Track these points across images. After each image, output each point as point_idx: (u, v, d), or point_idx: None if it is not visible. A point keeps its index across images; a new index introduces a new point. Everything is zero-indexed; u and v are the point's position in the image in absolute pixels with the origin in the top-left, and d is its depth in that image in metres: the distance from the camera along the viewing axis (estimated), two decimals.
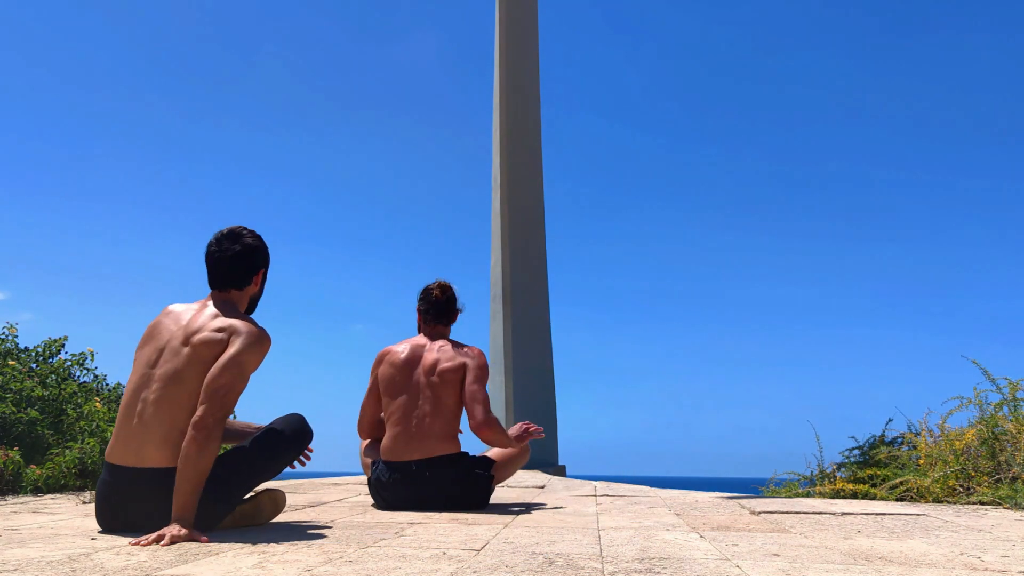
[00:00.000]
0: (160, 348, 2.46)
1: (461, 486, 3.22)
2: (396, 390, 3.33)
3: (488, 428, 3.23)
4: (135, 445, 2.36)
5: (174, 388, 2.38)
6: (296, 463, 2.74)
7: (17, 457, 4.20)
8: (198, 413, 2.29)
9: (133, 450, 2.36)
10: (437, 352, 3.39)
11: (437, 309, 3.51)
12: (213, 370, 2.36)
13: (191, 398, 2.37)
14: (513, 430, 3.45)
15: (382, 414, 3.45)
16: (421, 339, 3.49)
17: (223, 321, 2.47)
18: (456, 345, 3.44)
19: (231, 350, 2.41)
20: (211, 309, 2.54)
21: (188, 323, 2.48)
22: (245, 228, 2.64)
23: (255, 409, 2.60)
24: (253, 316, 2.67)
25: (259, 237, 2.66)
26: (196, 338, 2.43)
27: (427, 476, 3.19)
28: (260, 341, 2.46)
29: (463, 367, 3.32)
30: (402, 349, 3.44)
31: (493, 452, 3.45)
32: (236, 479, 2.49)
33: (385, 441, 3.32)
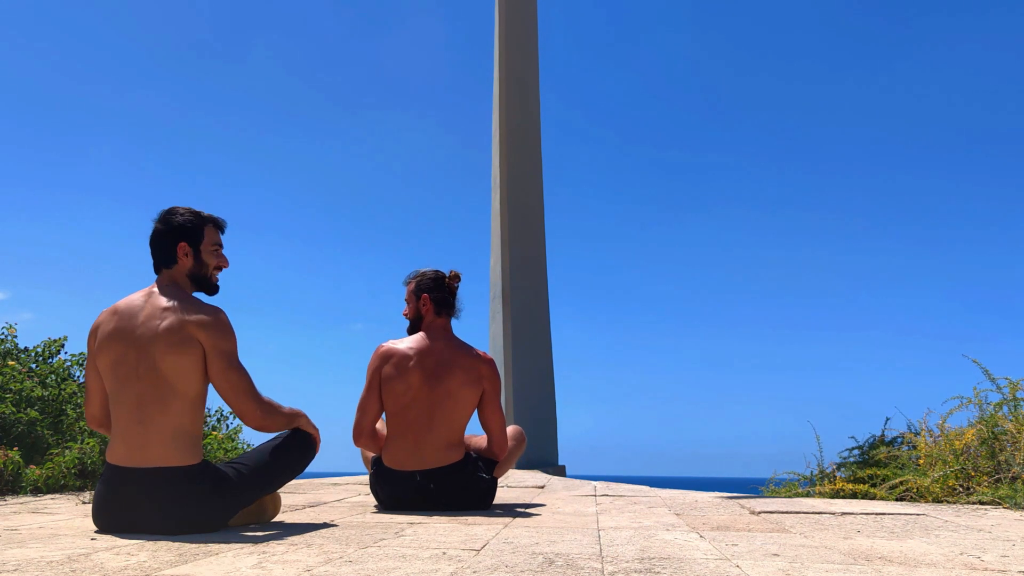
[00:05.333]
0: (130, 347, 2.42)
1: (465, 492, 3.18)
2: (402, 395, 3.16)
3: (505, 452, 3.35)
4: (138, 445, 2.36)
5: (164, 387, 2.38)
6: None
7: (17, 457, 4.20)
8: (245, 411, 2.50)
9: (137, 450, 2.36)
10: (451, 360, 3.20)
11: (450, 299, 3.32)
12: (219, 376, 2.45)
13: (182, 392, 2.39)
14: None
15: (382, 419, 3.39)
16: (425, 339, 3.26)
17: (179, 312, 2.45)
18: (469, 352, 3.25)
19: (215, 346, 2.43)
20: (159, 297, 2.50)
21: (147, 317, 2.44)
22: (176, 206, 2.61)
23: None
24: (216, 296, 2.65)
25: (178, 212, 2.60)
26: (164, 332, 2.40)
27: (431, 488, 3.13)
28: (223, 321, 2.48)
29: (482, 390, 3.22)
30: (409, 350, 3.22)
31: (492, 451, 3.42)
32: (253, 484, 2.56)
33: (387, 446, 3.22)
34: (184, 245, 2.57)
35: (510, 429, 3.49)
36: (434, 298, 3.30)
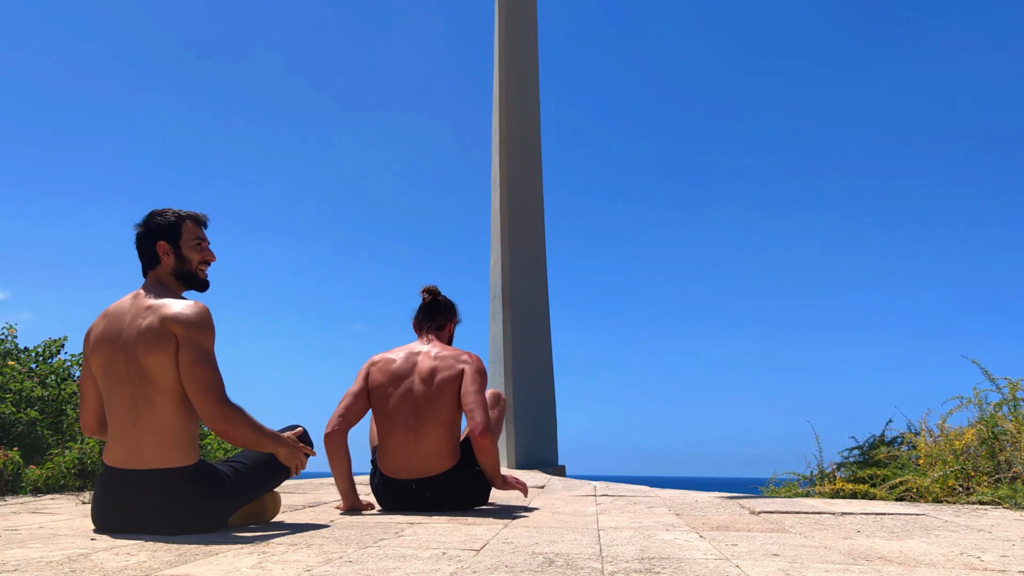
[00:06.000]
0: (119, 350, 2.42)
1: (463, 489, 3.19)
2: (391, 401, 3.17)
3: (488, 437, 3.07)
4: (134, 447, 2.36)
5: (151, 387, 2.37)
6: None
7: (17, 457, 4.20)
8: (205, 412, 2.36)
9: (133, 452, 2.36)
10: (434, 359, 3.23)
11: (426, 311, 3.42)
12: (186, 370, 2.37)
13: (169, 391, 2.37)
14: (506, 473, 3.28)
15: (371, 431, 3.38)
16: (416, 344, 3.35)
17: (159, 310, 2.42)
18: (453, 351, 3.29)
19: (188, 338, 2.38)
20: (144, 298, 2.49)
21: (132, 318, 2.44)
22: (158, 208, 2.61)
23: (257, 409, 2.59)
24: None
25: (157, 213, 2.59)
26: (144, 331, 2.39)
27: (427, 496, 3.13)
28: (202, 314, 2.43)
29: (461, 374, 3.17)
30: (396, 356, 3.28)
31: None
32: (251, 483, 2.56)
33: (382, 452, 3.21)
34: (163, 244, 2.56)
35: (488, 393, 3.33)
36: (414, 319, 3.48)
